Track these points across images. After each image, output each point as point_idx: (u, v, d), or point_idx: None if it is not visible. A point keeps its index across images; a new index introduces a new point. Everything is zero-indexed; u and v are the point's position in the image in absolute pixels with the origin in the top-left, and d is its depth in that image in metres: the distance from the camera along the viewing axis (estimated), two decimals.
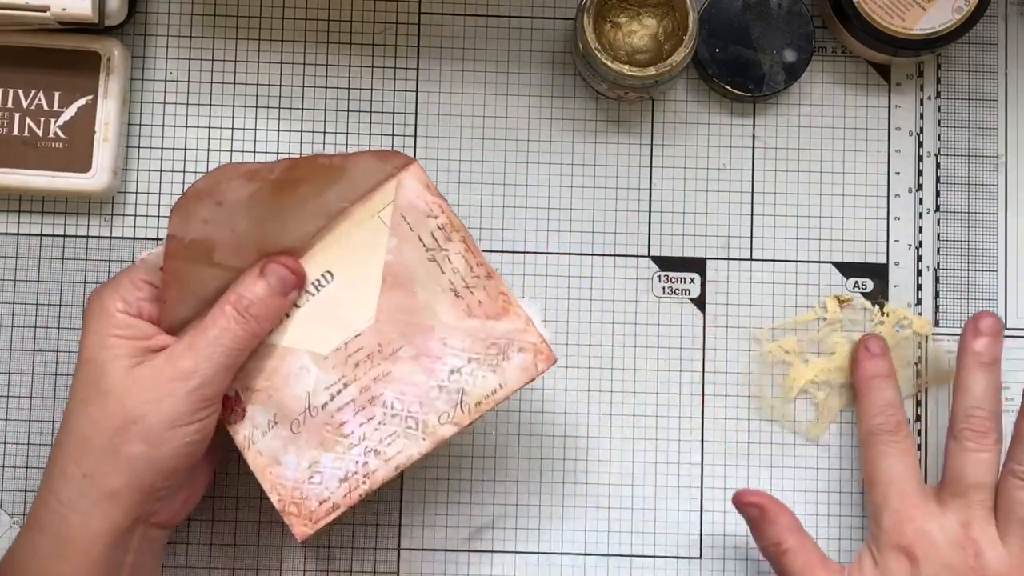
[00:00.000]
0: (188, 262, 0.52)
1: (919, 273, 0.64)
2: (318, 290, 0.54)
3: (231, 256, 0.53)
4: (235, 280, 0.53)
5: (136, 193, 0.63)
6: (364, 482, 0.53)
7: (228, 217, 0.52)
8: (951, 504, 0.56)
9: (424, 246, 0.54)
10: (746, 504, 0.58)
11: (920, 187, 0.64)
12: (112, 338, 0.51)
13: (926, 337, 0.63)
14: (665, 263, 0.63)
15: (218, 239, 0.52)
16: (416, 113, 0.64)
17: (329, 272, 0.54)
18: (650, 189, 0.64)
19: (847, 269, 0.64)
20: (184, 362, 0.51)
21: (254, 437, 0.54)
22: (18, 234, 0.63)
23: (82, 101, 0.61)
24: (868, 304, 0.63)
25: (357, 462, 0.53)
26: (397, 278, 0.54)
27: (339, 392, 0.54)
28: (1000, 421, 0.57)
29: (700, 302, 0.63)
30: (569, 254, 0.63)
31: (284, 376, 0.54)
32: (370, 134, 0.64)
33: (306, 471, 0.53)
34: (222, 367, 0.51)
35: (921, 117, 0.64)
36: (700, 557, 0.62)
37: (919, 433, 0.63)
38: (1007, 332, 0.63)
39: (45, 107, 0.61)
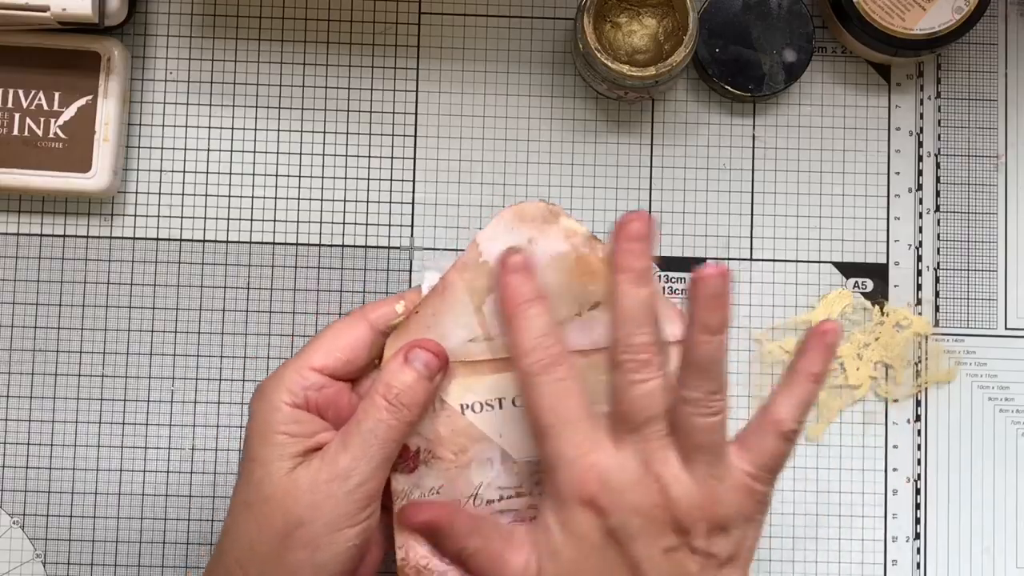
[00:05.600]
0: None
1: (919, 273, 0.64)
2: None
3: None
4: None
5: (136, 193, 0.63)
6: None
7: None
8: (627, 441, 0.49)
9: None
10: (417, 526, 0.52)
11: (920, 187, 0.64)
12: (278, 435, 0.49)
13: (926, 337, 0.63)
14: (665, 263, 0.63)
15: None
16: (416, 113, 0.64)
17: None
18: (650, 189, 0.64)
19: (847, 269, 0.64)
20: (341, 461, 0.49)
21: (412, 493, 0.52)
22: (18, 234, 0.63)
23: (82, 101, 0.61)
24: (868, 304, 0.63)
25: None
26: None
27: (509, 498, 0.52)
28: (660, 339, 0.49)
29: None
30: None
31: (469, 458, 0.52)
32: (370, 134, 0.64)
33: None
34: (380, 461, 0.49)
35: (921, 117, 0.64)
36: None
37: (919, 433, 0.63)
38: (1007, 332, 0.64)
39: (45, 107, 0.61)
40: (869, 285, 0.64)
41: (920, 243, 0.64)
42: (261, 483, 0.49)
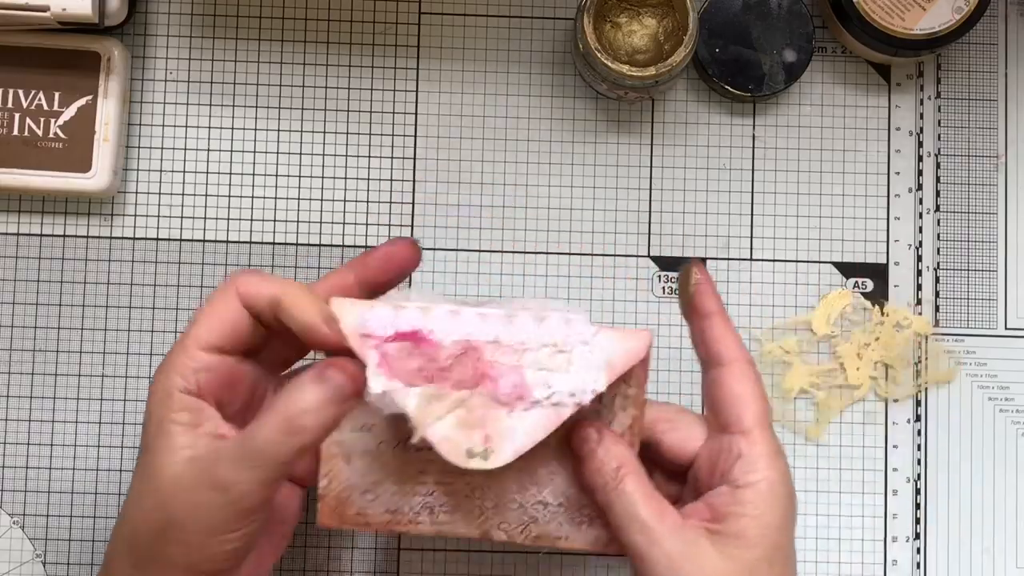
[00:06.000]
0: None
1: (919, 273, 0.64)
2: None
3: None
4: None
5: (136, 193, 0.63)
6: (404, 525, 0.52)
7: None
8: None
9: None
10: (583, 429, 0.50)
11: (920, 187, 0.64)
12: (170, 424, 0.48)
13: (926, 337, 0.63)
14: (665, 263, 0.63)
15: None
16: (416, 113, 0.64)
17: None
18: (650, 189, 0.64)
19: (847, 269, 0.64)
20: (224, 472, 0.46)
21: (341, 426, 0.50)
22: (18, 234, 0.63)
23: (82, 101, 0.61)
24: (868, 304, 0.63)
25: (412, 509, 0.51)
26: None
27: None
28: None
29: None
30: (569, 254, 0.63)
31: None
32: (370, 134, 0.64)
33: (367, 484, 0.51)
34: (265, 482, 0.46)
35: (921, 117, 0.64)
36: None
37: (919, 433, 0.63)
38: (1007, 332, 0.64)
39: (45, 107, 0.61)
40: (869, 285, 0.64)
41: (920, 243, 0.64)
42: (151, 476, 0.48)
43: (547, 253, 0.63)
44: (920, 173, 0.64)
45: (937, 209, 0.64)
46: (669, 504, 0.49)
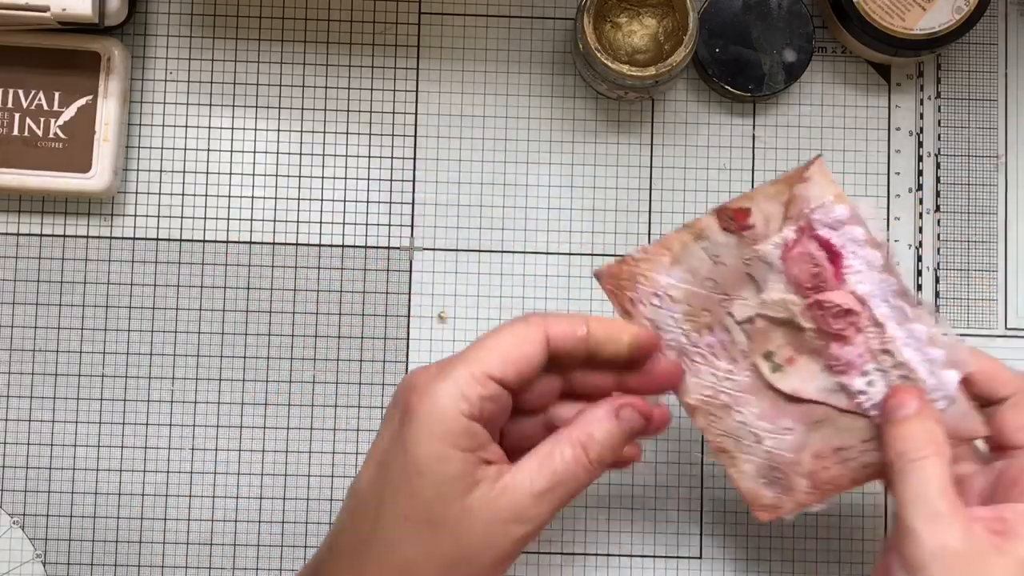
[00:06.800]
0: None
1: (919, 273, 0.64)
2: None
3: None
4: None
5: (136, 193, 0.63)
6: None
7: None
8: None
9: None
10: (900, 393, 0.49)
11: (920, 187, 0.64)
12: (452, 450, 0.45)
13: None
14: None
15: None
16: (416, 113, 0.64)
17: None
18: (650, 189, 0.64)
19: None
20: (527, 505, 0.46)
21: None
22: (18, 234, 0.63)
23: (82, 101, 0.61)
24: None
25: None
26: None
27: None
28: None
29: None
30: (569, 254, 0.63)
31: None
32: (370, 134, 0.64)
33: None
34: (558, 510, 0.46)
35: (921, 117, 0.64)
36: (700, 557, 0.62)
37: None
38: (1007, 332, 0.64)
39: (45, 107, 0.61)
40: None
41: (920, 243, 0.64)
42: (432, 504, 0.45)
43: (547, 253, 0.63)
44: (920, 173, 0.64)
45: (937, 209, 0.64)
46: (963, 502, 0.47)
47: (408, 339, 0.63)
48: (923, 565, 0.46)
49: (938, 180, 0.64)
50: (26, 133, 0.61)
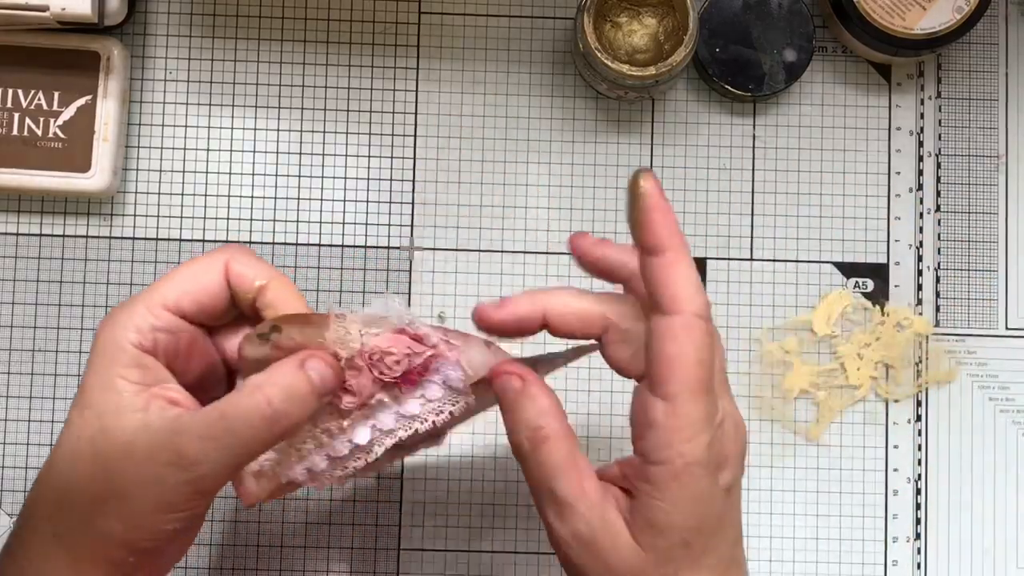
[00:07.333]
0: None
1: (920, 273, 0.64)
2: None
3: None
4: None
5: (136, 193, 0.63)
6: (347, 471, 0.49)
7: None
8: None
9: None
10: (504, 374, 0.46)
11: (920, 187, 0.64)
12: (120, 380, 0.44)
13: (926, 337, 0.63)
14: None
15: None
16: (416, 113, 0.64)
17: None
18: None
19: (847, 269, 0.64)
20: (190, 447, 0.42)
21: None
22: (18, 234, 0.63)
23: (82, 101, 0.61)
24: (868, 304, 0.63)
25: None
26: None
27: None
28: None
29: None
30: (569, 254, 0.63)
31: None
32: (370, 134, 0.64)
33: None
34: (230, 465, 0.43)
35: (922, 117, 0.64)
36: None
37: (919, 433, 0.63)
38: (1008, 332, 0.64)
39: (45, 107, 0.61)
40: (869, 285, 0.64)
41: (921, 243, 0.64)
42: (93, 437, 0.43)
43: (547, 253, 0.63)
44: (921, 173, 0.64)
45: (938, 209, 0.64)
46: (591, 472, 0.44)
47: None
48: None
49: (938, 180, 0.64)
50: (26, 133, 0.61)
